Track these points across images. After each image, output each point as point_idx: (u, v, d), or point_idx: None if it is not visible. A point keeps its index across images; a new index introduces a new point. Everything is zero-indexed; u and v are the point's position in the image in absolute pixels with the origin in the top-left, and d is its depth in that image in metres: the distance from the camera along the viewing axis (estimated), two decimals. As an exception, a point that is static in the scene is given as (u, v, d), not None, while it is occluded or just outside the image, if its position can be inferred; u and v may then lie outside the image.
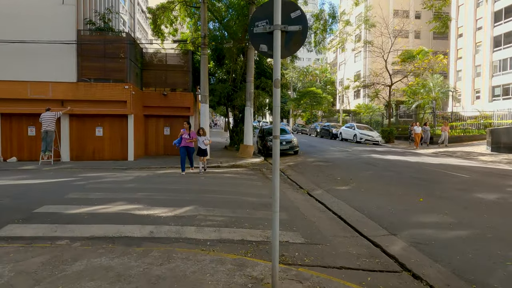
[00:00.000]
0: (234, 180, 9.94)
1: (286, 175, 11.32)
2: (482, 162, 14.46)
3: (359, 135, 24.37)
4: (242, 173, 11.49)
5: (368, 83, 28.82)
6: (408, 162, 13.89)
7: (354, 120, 38.10)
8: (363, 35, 44.01)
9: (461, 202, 7.20)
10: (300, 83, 61.64)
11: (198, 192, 7.91)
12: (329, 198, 7.90)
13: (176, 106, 17.04)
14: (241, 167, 13.09)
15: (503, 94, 37.99)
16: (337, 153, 16.89)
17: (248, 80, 15.73)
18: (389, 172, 11.30)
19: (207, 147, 11.19)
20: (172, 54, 18.02)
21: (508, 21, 37.01)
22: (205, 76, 14.56)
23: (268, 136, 17.34)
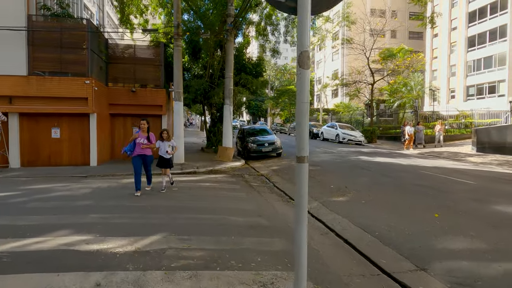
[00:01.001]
0: (213, 191, 8.49)
1: (272, 183, 10.00)
2: (474, 164, 13.78)
3: (342, 135, 23.48)
4: (222, 181, 10.06)
5: (349, 82, 28.05)
6: (400, 165, 12.94)
7: (334, 120, 37.43)
8: (341, 33, 43.47)
9: (483, 217, 6.14)
10: (277, 82, 60.67)
11: (170, 210, 6.41)
12: (327, 214, 6.65)
13: (147, 104, 15.33)
14: (221, 173, 11.65)
15: (477, 94, 38.55)
16: (323, 155, 15.78)
17: (227, 75, 14.29)
18: (386, 177, 10.23)
19: (171, 156, 8.28)
20: (142, 46, 16.26)
21: (482, 21, 37.53)
22: (179, 71, 12.99)
23: (249, 137, 15.98)
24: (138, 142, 7.68)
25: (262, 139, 15.56)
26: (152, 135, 7.89)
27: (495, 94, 36.18)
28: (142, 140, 7.69)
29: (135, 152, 7.73)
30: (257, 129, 17.42)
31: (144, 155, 7.83)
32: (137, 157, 7.77)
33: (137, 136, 7.74)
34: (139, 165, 7.79)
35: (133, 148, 7.72)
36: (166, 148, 8.05)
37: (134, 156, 7.76)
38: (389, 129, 27.11)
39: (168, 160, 8.20)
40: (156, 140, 8.08)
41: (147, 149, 7.82)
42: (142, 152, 7.75)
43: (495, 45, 35.91)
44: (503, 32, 34.99)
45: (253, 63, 17.13)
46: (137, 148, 7.72)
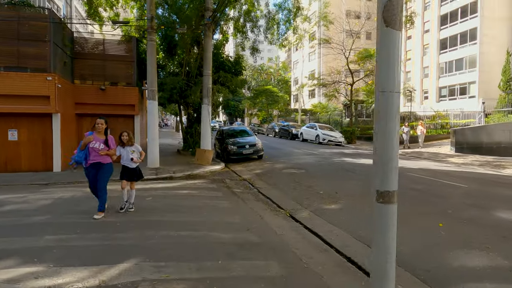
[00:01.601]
0: (192, 200, 7.62)
1: (256, 189, 9.24)
2: (457, 165, 13.65)
3: (322, 135, 23.10)
4: (202, 187, 9.19)
5: (328, 82, 27.80)
6: (386, 167, 12.56)
7: (312, 120, 37.22)
8: (317, 33, 43.42)
9: (489, 226, 5.67)
10: (254, 82, 60.08)
11: (143, 226, 5.51)
12: (322, 225, 5.98)
13: (118, 104, 14.18)
14: (200, 178, 10.77)
15: (449, 95, 39.59)
16: (306, 157, 15.22)
17: (205, 73, 13.40)
18: (362, 177, 9.73)
19: (137, 165, 6.44)
20: (112, 41, 15.04)
21: (453, 25, 38.57)
22: (152, 67, 11.99)
23: (228, 138, 15.15)
24: (92, 148, 5.79)
25: (243, 141, 14.79)
26: (111, 138, 6.06)
27: (466, 95, 37.25)
28: (97, 144, 5.81)
29: (89, 160, 5.83)
30: (237, 130, 16.63)
31: (100, 163, 5.88)
32: (90, 168, 5.89)
33: (90, 139, 5.77)
34: (93, 178, 5.95)
35: (86, 157, 5.82)
36: (130, 154, 6.28)
37: (87, 167, 5.89)
38: (368, 130, 27.05)
39: (134, 171, 6.40)
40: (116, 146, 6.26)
41: (105, 156, 5.92)
42: (97, 160, 5.84)
43: (466, 48, 36.98)
44: (474, 35, 36.08)
45: (232, 61, 16.32)
46: (91, 155, 5.82)
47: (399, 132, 18.66)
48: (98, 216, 5.86)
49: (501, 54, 34.40)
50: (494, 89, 34.23)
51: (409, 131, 20.15)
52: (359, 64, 28.84)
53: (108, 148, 5.96)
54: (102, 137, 5.97)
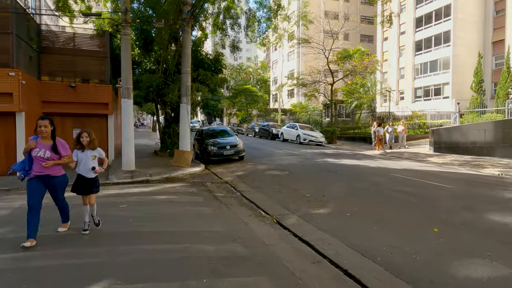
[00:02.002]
0: (171, 206, 7.05)
1: (239, 192, 8.76)
2: (438, 165, 13.70)
3: (303, 135, 22.89)
4: (181, 191, 8.61)
5: (308, 82, 27.69)
6: (369, 168, 12.39)
7: (291, 120, 37.10)
8: (297, 33, 43.40)
9: (486, 231, 5.46)
10: (233, 81, 59.46)
11: (116, 240, 4.91)
12: (312, 232, 5.59)
13: (90, 102, 13.35)
14: (179, 181, 10.16)
15: (424, 96, 40.53)
16: (288, 158, 14.87)
17: (184, 71, 12.77)
18: (361, 183, 9.48)
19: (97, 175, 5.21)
20: (84, 35, 14.13)
21: (428, 27, 39.51)
22: (127, 64, 11.26)
23: (208, 139, 14.58)
24: (36, 157, 4.56)
25: (223, 141, 14.26)
26: (61, 143, 4.74)
27: (441, 96, 38.24)
28: (42, 152, 4.56)
29: (33, 172, 4.61)
30: (217, 130, 16.08)
31: (49, 176, 4.67)
32: (35, 181, 4.60)
33: (32, 145, 4.55)
34: (36, 193, 4.58)
35: (26, 167, 4.63)
36: (90, 162, 5.01)
37: (31, 178, 4.62)
38: (348, 130, 27.16)
39: (91, 182, 5.09)
40: (73, 149, 5.04)
41: (56, 166, 4.70)
42: (45, 172, 4.61)
43: (440, 50, 37.96)
44: (447, 37, 37.07)
45: (212, 58, 15.74)
46: (36, 166, 4.59)
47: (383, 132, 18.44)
48: (62, 229, 5.16)
49: (473, 56, 35.53)
50: (466, 90, 35.31)
51: (393, 131, 20.07)
52: (339, 64, 28.91)
53: (59, 156, 4.69)
54: (48, 143, 4.65)
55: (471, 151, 17.26)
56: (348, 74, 26.15)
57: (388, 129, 18.89)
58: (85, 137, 5.00)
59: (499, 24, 36.32)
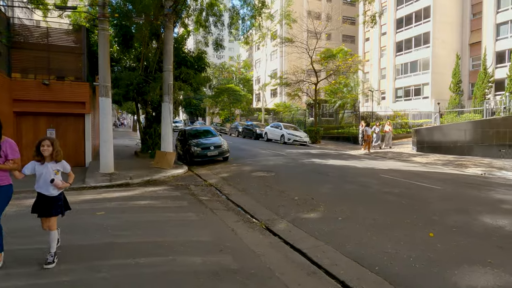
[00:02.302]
0: (153, 212, 6.60)
1: (225, 196, 8.40)
2: (422, 165, 13.75)
3: (287, 135, 22.69)
4: (163, 196, 8.15)
5: (292, 81, 27.52)
6: (356, 168, 12.27)
7: (275, 119, 36.91)
8: (279, 32, 43.27)
9: (481, 234, 5.32)
10: (215, 80, 58.81)
11: (90, 254, 4.45)
12: (304, 239, 5.30)
13: (66, 101, 12.63)
14: (161, 185, 9.68)
15: (404, 96, 41.25)
16: (273, 158, 14.59)
17: (166, 68, 12.26)
18: (350, 184, 9.30)
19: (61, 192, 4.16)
20: (58, 30, 13.37)
21: (408, 28, 40.19)
22: (105, 60, 10.66)
23: (191, 139, 14.10)
24: None
25: (207, 142, 13.83)
26: (9, 143, 3.87)
27: (420, 96, 38.99)
28: None
29: None
30: (200, 130, 15.60)
31: None
32: None
33: None
34: None
35: None
36: (51, 175, 3.97)
37: None
38: (331, 129, 27.17)
39: (52, 201, 4.04)
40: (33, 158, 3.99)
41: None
42: None
43: (420, 51, 38.67)
44: (427, 38, 37.80)
45: (195, 56, 15.24)
46: None
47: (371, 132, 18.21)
48: None
49: (452, 58, 36.38)
50: (445, 91, 36.12)
51: (380, 131, 20.03)
52: (322, 64, 28.89)
53: (3, 159, 3.81)
54: None
55: (453, 150, 17.52)
56: (332, 74, 26.11)
57: (375, 129, 18.75)
58: (47, 146, 3.91)
59: (475, 26, 37.34)
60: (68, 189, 8.41)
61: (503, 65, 34.05)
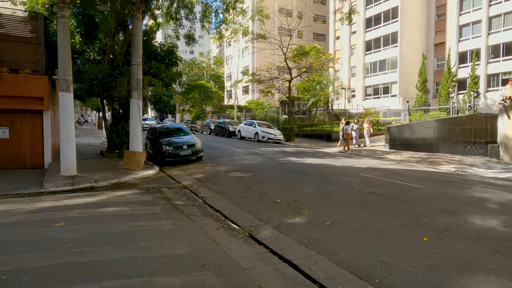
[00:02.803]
0: (122, 221, 5.87)
1: (202, 199, 7.80)
2: (397, 162, 13.82)
3: (261, 133, 22.27)
4: (133, 201, 7.41)
5: (265, 78, 27.10)
6: (335, 167, 12.04)
7: (248, 117, 36.40)
8: (250, 28, 42.73)
9: (475, 238, 5.11)
10: (185, 76, 57.30)
11: (44, 272, 3.74)
12: (293, 248, 4.85)
13: (21, 96, 11.42)
14: (130, 188, 8.89)
15: (373, 94, 42.17)
16: (249, 157, 14.09)
17: (134, 61, 11.37)
18: (332, 184, 8.98)
19: None
20: (12, 17, 12.05)
21: (377, 28, 41.05)
22: (65, 51, 9.65)
23: (162, 138, 13.28)
24: None
25: (179, 141, 13.08)
26: None
27: (389, 94, 40.01)
28: None
29: None
30: (172, 128, 14.77)
31: None
32: None
33: None
34: None
35: None
36: None
37: None
38: (305, 127, 27.07)
39: None
40: None
41: None
42: None
43: (388, 50, 39.62)
44: (395, 38, 38.77)
45: (165, 50, 14.34)
46: None
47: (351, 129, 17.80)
48: None
49: (418, 57, 37.58)
50: (412, 89, 37.25)
51: (358, 128, 19.91)
52: (295, 61, 28.69)
53: None
54: None
55: (423, 147, 17.89)
56: (305, 71, 25.96)
57: (354, 126, 18.61)
58: None
59: (440, 27, 38.75)
60: (23, 195, 7.49)
61: (465, 65, 35.59)
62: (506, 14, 32.33)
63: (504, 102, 13.64)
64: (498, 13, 33.04)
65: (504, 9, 32.32)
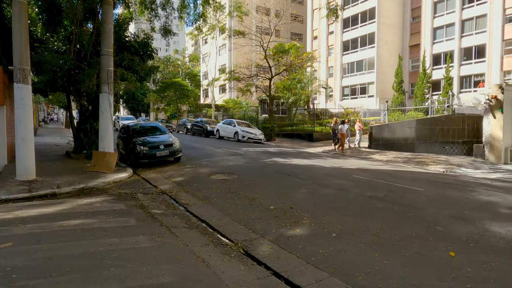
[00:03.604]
0: (88, 239, 4.77)
1: (183, 207, 6.80)
2: (384, 163, 13.37)
3: (241, 133, 21.36)
4: (102, 210, 6.30)
5: (245, 75, 26.20)
6: (324, 168, 11.34)
7: (225, 116, 35.36)
8: (228, 25, 41.65)
9: (504, 250, 4.48)
10: (159, 74, 55.31)
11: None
12: (302, 269, 4.01)
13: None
14: (99, 194, 7.73)
15: (351, 94, 42.32)
16: (231, 158, 13.15)
17: (104, 51, 10.13)
18: (326, 188, 8.24)
19: None
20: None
21: (355, 28, 41.19)
22: (21, 36, 8.31)
23: (137, 137, 12.07)
24: None
25: (156, 140, 11.94)
26: None
27: (366, 94, 40.22)
28: None
29: None
30: (146, 126, 13.56)
31: None
32: None
33: None
34: None
35: None
36: None
37: None
38: (285, 126, 26.41)
39: None
40: None
41: None
42: None
43: (366, 51, 39.82)
44: (372, 39, 39.00)
45: (139, 41, 13.11)
46: None
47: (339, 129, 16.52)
48: None
49: (393, 58, 38.00)
50: (389, 90, 37.62)
51: (349, 128, 18.79)
52: (274, 59, 28.02)
53: None
54: None
55: (404, 147, 17.63)
56: (285, 69, 25.29)
57: (344, 126, 17.31)
58: None
59: (415, 29, 39.36)
60: (-35, 205, 6.21)
61: (439, 67, 36.29)
62: (478, 17, 33.19)
63: (489, 101, 13.50)
64: (470, 16, 33.88)
65: (476, 13, 33.17)
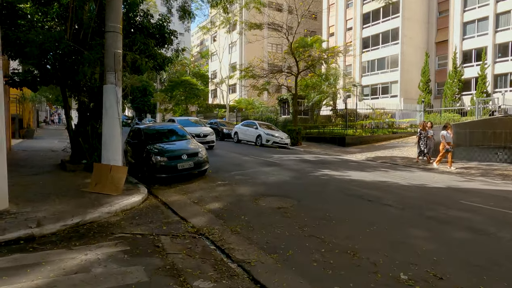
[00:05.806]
0: None
1: (243, 268, 4.00)
2: (461, 176, 10.54)
3: (265, 136, 18.59)
4: (107, 280, 3.53)
5: (265, 71, 23.44)
6: (405, 187, 8.52)
7: (239, 117, 32.62)
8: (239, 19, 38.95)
9: None
10: (166, 74, 52.72)
11: None
12: None
13: None
14: (101, 240, 4.93)
15: (371, 94, 39.47)
16: (269, 170, 10.36)
17: (110, 27, 7.39)
18: (452, 229, 5.41)
19: None
20: None
21: (376, 24, 38.40)
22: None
23: (151, 144, 9.29)
24: None
25: (176, 148, 9.18)
26: None
27: (388, 94, 37.38)
28: None
29: None
30: (163, 129, 10.74)
31: None
32: None
33: None
34: None
35: None
36: None
37: None
38: (309, 129, 23.60)
39: None
40: None
41: None
42: None
43: (388, 48, 37.00)
44: (395, 35, 36.17)
45: (155, 23, 10.31)
46: None
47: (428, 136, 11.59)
48: None
49: (418, 56, 35.22)
50: (412, 89, 34.84)
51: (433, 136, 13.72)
52: (296, 53, 25.24)
53: None
54: None
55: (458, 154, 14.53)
56: (312, 65, 22.50)
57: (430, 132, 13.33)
58: None
59: (442, 25, 36.50)
60: None
61: (469, 64, 33.45)
62: (516, 11, 30.32)
63: None
64: (506, 10, 31.02)
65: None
